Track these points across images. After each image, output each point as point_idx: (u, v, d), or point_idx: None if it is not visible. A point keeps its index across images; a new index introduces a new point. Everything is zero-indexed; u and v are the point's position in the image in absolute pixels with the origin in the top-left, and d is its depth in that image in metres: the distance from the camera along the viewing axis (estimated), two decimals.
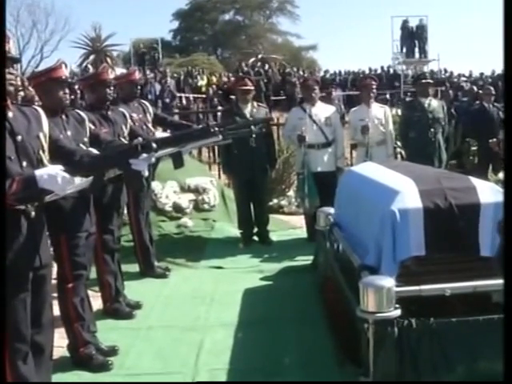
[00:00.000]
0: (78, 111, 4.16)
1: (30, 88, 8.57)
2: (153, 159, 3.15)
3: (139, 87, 6.16)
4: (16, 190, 2.75)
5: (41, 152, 3.02)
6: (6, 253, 2.84)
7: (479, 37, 67.09)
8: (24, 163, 2.89)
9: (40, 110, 3.17)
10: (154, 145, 3.02)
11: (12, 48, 2.97)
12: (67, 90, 3.92)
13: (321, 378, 3.70)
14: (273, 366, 3.91)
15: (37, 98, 5.98)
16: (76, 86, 11.30)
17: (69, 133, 3.80)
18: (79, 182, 3.02)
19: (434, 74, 23.07)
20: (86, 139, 3.96)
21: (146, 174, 3.15)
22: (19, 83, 4.79)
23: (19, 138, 2.90)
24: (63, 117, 3.86)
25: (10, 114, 2.92)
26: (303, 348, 4.16)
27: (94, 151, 3.54)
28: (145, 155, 3.02)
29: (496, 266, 3.50)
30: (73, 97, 11.08)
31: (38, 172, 2.81)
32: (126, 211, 5.59)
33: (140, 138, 4.10)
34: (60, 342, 3.93)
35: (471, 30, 68.38)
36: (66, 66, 4.01)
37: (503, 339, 2.44)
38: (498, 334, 2.93)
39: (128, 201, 5.54)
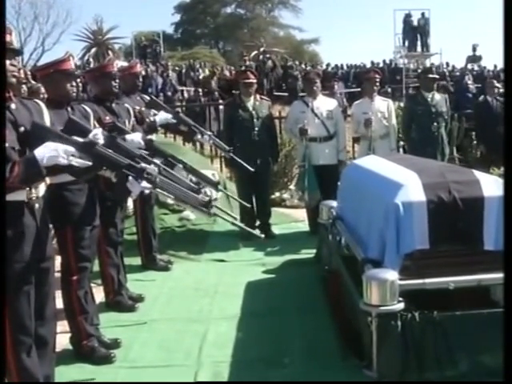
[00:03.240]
0: (84, 106, 4.17)
1: (32, 81, 8.55)
2: (147, 191, 3.19)
3: (141, 79, 6.17)
4: (18, 171, 2.75)
5: None
6: (9, 246, 2.84)
7: (482, 31, 66.82)
8: (23, 157, 2.88)
9: (41, 103, 3.17)
10: (158, 180, 3.06)
11: (14, 40, 2.97)
12: (74, 83, 3.92)
13: (324, 370, 3.70)
14: (276, 358, 3.90)
15: (42, 91, 6.00)
16: (78, 79, 11.27)
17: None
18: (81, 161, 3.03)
19: (435, 67, 22.96)
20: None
21: (134, 197, 3.22)
22: (22, 75, 4.78)
23: (22, 129, 2.91)
24: (69, 109, 3.86)
25: (13, 106, 2.92)
26: (306, 340, 4.16)
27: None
28: (145, 184, 3.06)
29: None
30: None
31: (38, 153, 2.78)
32: (130, 204, 5.59)
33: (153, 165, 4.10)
34: (62, 335, 3.93)
35: (474, 23, 68.17)
36: (73, 58, 4.01)
37: (504, 339, 2.42)
38: (501, 327, 2.93)
39: None
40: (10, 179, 2.73)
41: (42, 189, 3.02)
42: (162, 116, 5.63)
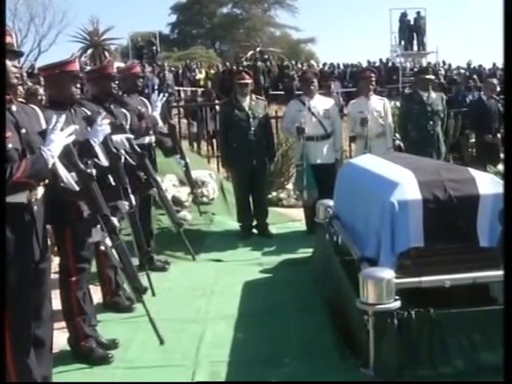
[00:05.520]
0: (85, 109, 4.20)
1: (29, 82, 8.56)
2: (102, 247, 3.36)
3: (141, 80, 6.32)
4: (25, 167, 2.80)
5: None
6: (8, 248, 2.86)
7: (478, 29, 66.96)
8: (28, 156, 2.93)
9: (37, 108, 3.21)
10: (120, 243, 3.37)
11: (14, 42, 3.00)
12: (78, 85, 3.95)
13: (322, 368, 3.71)
14: (274, 358, 3.91)
15: (40, 92, 6.03)
16: None
17: (77, 127, 3.83)
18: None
19: (432, 66, 22.95)
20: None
21: (90, 241, 3.39)
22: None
23: (23, 131, 2.94)
24: (72, 111, 3.89)
25: (14, 108, 2.96)
26: (304, 339, 4.17)
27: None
28: (107, 240, 3.31)
29: (499, 256, 3.51)
30: None
31: (45, 152, 2.89)
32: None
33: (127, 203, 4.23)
34: (60, 336, 3.94)
35: (470, 22, 68.27)
36: (79, 60, 4.08)
37: (504, 339, 2.43)
38: (497, 325, 2.94)
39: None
40: (18, 174, 2.77)
41: (40, 191, 3.03)
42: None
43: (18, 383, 3.03)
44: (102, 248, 3.42)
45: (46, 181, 3.04)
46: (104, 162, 4.00)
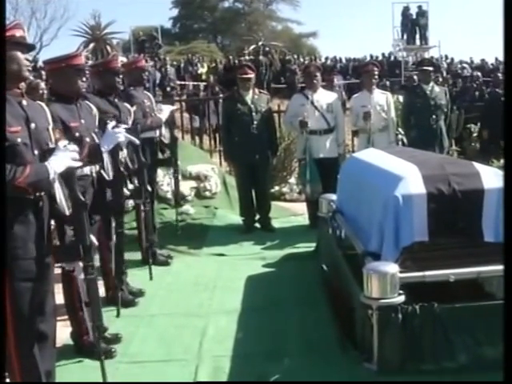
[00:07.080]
0: (88, 103, 4.19)
1: (31, 77, 8.55)
2: (73, 271, 3.32)
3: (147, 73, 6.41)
4: (29, 173, 2.78)
5: (50, 144, 3.08)
6: (14, 243, 2.85)
7: (481, 23, 66.75)
8: (36, 151, 2.93)
9: (44, 105, 3.22)
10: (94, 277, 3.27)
11: (27, 36, 3.01)
12: (84, 79, 3.95)
13: (324, 363, 3.70)
14: (276, 352, 3.90)
15: (42, 87, 6.02)
16: None
17: (82, 121, 3.86)
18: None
19: (434, 60, 22.87)
20: (96, 130, 4.05)
21: (66, 269, 3.40)
22: None
23: (33, 125, 2.93)
24: (77, 105, 3.89)
25: (25, 102, 2.95)
26: (306, 334, 4.16)
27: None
28: (82, 274, 3.21)
29: None
30: None
31: (50, 165, 2.87)
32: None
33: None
34: (63, 330, 3.93)
35: (472, 16, 68.08)
36: (84, 55, 4.11)
37: (504, 334, 2.42)
38: (500, 319, 2.92)
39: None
40: (20, 179, 2.76)
41: None
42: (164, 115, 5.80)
43: (21, 383, 3.02)
44: (73, 270, 3.42)
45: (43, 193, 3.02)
46: (109, 174, 4.00)
